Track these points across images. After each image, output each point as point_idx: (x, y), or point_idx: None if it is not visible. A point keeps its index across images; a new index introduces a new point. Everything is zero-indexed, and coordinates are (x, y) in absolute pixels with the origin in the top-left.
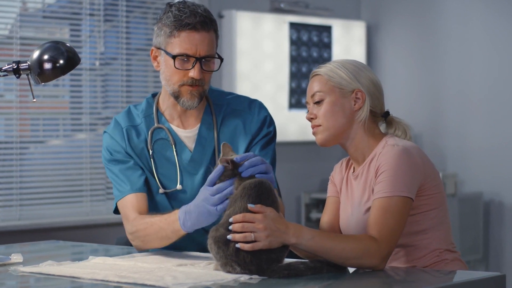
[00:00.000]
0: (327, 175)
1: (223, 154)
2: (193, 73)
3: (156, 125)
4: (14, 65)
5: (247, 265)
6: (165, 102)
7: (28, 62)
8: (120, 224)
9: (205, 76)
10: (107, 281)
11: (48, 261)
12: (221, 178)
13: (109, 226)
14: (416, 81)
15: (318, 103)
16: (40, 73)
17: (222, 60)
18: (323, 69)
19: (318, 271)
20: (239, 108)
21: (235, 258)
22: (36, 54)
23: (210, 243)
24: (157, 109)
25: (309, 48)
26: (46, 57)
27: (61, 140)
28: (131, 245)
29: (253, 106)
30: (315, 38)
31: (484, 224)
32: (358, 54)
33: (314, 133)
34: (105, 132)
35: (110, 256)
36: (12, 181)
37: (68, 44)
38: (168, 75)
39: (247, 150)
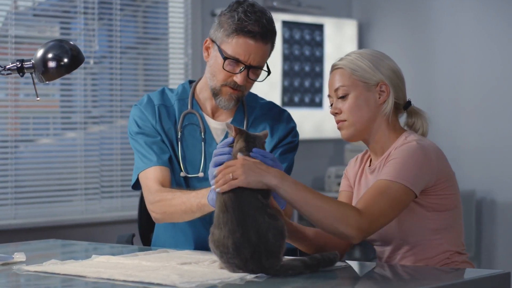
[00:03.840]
0: (319, 173)
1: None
2: (238, 78)
3: (189, 109)
4: (18, 63)
5: (247, 265)
6: (202, 91)
7: (32, 61)
8: (117, 223)
9: (247, 84)
10: (113, 279)
11: (52, 259)
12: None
13: (104, 224)
14: (408, 79)
15: (342, 97)
16: (44, 72)
17: (269, 73)
18: (344, 62)
19: (314, 268)
20: (269, 114)
21: (235, 260)
22: (40, 52)
23: (212, 248)
24: (193, 95)
25: (301, 47)
26: (50, 55)
27: (55, 139)
28: (132, 243)
29: (283, 116)
30: (307, 37)
31: (476, 222)
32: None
33: (339, 128)
34: (135, 105)
35: (113, 254)
36: (7, 179)
37: (72, 43)
38: (215, 71)
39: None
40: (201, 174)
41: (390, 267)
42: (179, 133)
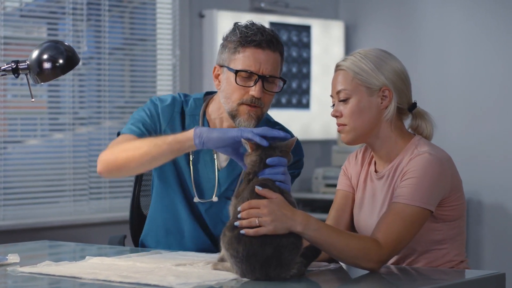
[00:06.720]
0: (306, 174)
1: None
2: (254, 91)
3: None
4: (13, 64)
5: (254, 272)
6: (214, 112)
7: (27, 62)
8: (106, 224)
9: (265, 97)
10: (109, 281)
11: (46, 261)
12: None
13: (93, 226)
14: None
15: (343, 101)
16: (39, 73)
17: (285, 82)
18: (347, 63)
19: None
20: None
21: (243, 266)
22: (35, 53)
23: (222, 248)
24: (204, 114)
25: (288, 48)
26: (45, 56)
27: (43, 140)
28: (123, 245)
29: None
30: (294, 38)
31: None
32: (337, 53)
33: (339, 131)
34: (158, 98)
35: (101, 255)
36: None
37: (67, 43)
38: (229, 92)
39: None
40: (215, 199)
41: (386, 269)
42: (191, 156)
